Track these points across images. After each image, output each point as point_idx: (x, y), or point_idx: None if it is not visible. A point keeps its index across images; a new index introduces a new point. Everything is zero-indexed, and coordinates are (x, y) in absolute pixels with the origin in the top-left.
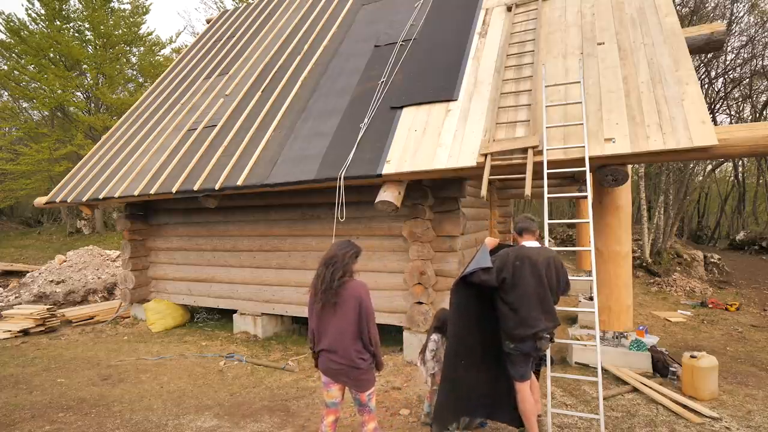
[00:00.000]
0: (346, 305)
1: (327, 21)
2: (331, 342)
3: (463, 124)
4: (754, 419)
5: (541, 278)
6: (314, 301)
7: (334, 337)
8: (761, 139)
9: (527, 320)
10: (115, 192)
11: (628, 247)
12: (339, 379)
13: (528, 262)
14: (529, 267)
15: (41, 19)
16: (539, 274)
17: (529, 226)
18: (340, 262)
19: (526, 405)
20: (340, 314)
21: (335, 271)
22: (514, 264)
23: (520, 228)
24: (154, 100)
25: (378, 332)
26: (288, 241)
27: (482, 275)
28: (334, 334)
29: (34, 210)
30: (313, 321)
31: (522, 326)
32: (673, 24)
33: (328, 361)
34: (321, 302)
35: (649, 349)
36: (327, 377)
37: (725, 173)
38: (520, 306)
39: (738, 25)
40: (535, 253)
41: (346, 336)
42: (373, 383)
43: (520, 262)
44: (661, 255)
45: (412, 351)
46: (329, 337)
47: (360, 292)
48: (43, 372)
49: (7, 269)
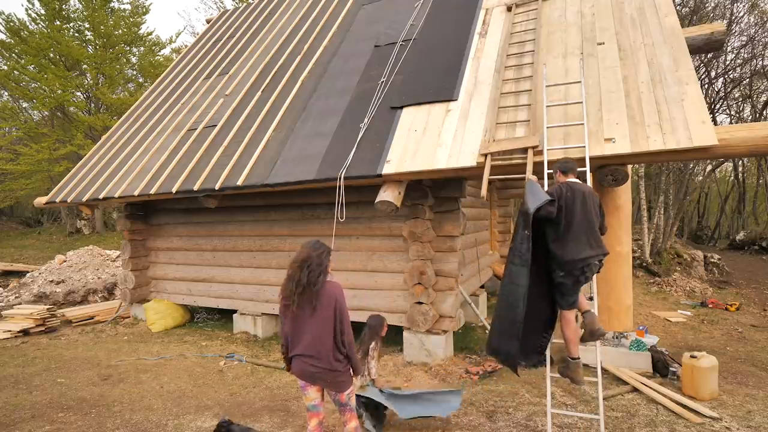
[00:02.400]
0: (324, 307)
1: (327, 21)
2: (307, 346)
3: (463, 124)
4: (754, 419)
5: (589, 209)
6: (289, 304)
7: (312, 340)
8: (761, 139)
9: (579, 246)
10: (115, 192)
11: (628, 247)
12: (316, 382)
13: (579, 195)
14: (579, 198)
15: (41, 19)
16: (587, 206)
17: (573, 165)
18: (316, 263)
19: (570, 331)
20: (318, 316)
21: (312, 272)
22: (566, 195)
23: (566, 167)
24: (154, 100)
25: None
26: (288, 241)
27: (549, 207)
28: (311, 337)
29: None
30: (287, 325)
31: (571, 251)
32: (673, 24)
33: (305, 365)
34: (297, 305)
35: (649, 349)
36: (303, 381)
37: (725, 173)
38: (572, 234)
39: (738, 25)
40: (581, 186)
41: (324, 339)
42: (351, 382)
43: (571, 193)
44: (661, 255)
45: (413, 351)
46: (306, 341)
47: (336, 293)
48: (43, 372)
49: (7, 269)
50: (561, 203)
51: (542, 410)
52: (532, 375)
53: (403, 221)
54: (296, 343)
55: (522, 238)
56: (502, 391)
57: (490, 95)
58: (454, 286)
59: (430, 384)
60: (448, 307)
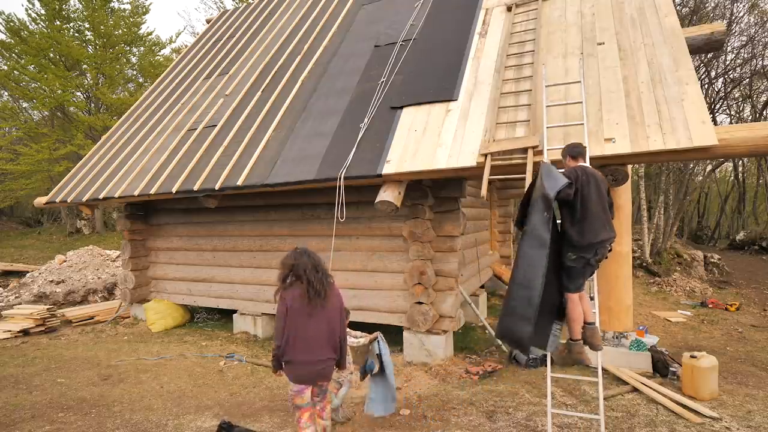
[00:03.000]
0: (331, 308)
1: (327, 21)
2: (309, 348)
3: (463, 124)
4: (754, 419)
5: (602, 192)
6: (304, 308)
7: (313, 342)
8: (761, 139)
9: (593, 228)
10: (115, 192)
11: (628, 247)
12: (314, 382)
13: (592, 178)
14: (593, 182)
15: (41, 19)
16: (600, 189)
17: (582, 150)
18: (323, 268)
19: (576, 313)
20: (325, 316)
21: (324, 275)
22: (582, 179)
23: (576, 152)
24: (154, 100)
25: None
26: (288, 241)
27: (567, 189)
28: (312, 339)
29: (34, 210)
30: (290, 326)
31: (588, 234)
32: (673, 24)
33: (306, 369)
34: (311, 307)
35: (649, 349)
36: (302, 385)
37: (725, 173)
38: (586, 216)
39: (738, 25)
40: (592, 170)
41: (324, 339)
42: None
43: (585, 177)
44: (661, 255)
45: (413, 351)
46: (308, 343)
47: (339, 293)
48: (43, 372)
49: (7, 269)
50: (577, 186)
51: (542, 410)
52: (532, 375)
53: (403, 221)
54: (297, 346)
55: (542, 221)
56: (502, 391)
57: (490, 95)
58: (454, 286)
59: (429, 384)
60: (448, 307)
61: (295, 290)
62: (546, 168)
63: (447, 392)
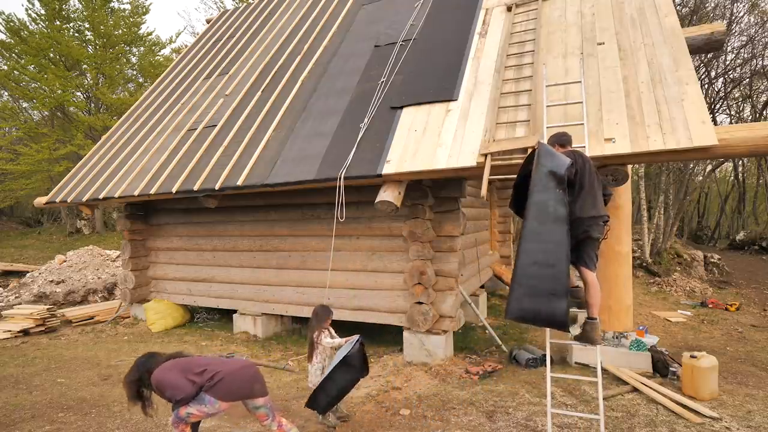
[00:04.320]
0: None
1: (327, 21)
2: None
3: (463, 124)
4: (754, 419)
5: (593, 175)
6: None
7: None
8: (761, 139)
9: (586, 206)
10: (115, 192)
11: (628, 247)
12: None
13: (587, 161)
14: (588, 164)
15: (41, 19)
16: (592, 172)
17: (569, 138)
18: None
19: (591, 296)
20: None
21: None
22: (578, 161)
23: (564, 140)
24: (154, 100)
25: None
26: (288, 241)
27: (571, 169)
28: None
29: (34, 210)
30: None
31: (582, 210)
32: (673, 24)
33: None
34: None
35: (649, 349)
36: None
37: (725, 173)
38: (582, 195)
39: (738, 25)
40: (584, 155)
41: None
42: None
43: (581, 159)
44: (661, 255)
45: (413, 351)
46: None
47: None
48: (43, 372)
49: (7, 269)
50: (576, 167)
51: (542, 410)
52: (532, 375)
53: (403, 221)
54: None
55: (556, 198)
56: (502, 391)
57: (490, 95)
58: (454, 286)
59: (429, 384)
60: (448, 307)
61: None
62: (544, 147)
63: (447, 392)
